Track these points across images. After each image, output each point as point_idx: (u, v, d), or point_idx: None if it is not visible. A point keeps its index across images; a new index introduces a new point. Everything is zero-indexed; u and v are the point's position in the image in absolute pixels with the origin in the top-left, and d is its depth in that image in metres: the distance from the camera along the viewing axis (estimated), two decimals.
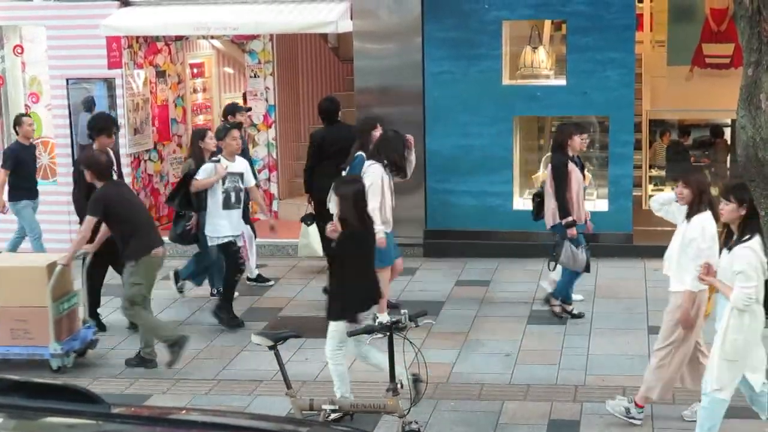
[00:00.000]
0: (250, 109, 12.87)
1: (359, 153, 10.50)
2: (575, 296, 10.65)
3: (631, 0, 12.49)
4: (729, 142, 15.67)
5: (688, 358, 7.66)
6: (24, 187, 12.24)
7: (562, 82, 12.90)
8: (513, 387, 8.67)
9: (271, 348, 6.86)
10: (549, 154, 11.20)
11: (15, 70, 14.29)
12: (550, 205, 10.36)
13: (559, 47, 13.83)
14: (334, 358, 7.85)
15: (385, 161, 9.85)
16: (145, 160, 14.01)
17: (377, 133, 10.57)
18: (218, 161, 10.45)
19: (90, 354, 9.76)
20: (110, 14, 13.22)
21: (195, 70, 15.48)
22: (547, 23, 14.18)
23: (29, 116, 12.73)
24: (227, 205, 10.47)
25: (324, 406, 6.80)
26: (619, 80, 12.42)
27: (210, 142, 10.93)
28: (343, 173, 10.41)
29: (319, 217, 12.26)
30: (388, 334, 6.81)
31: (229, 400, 8.63)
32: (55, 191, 13.67)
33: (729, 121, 14.92)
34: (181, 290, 11.64)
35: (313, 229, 12.09)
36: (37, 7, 13.80)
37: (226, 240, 10.47)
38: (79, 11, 13.35)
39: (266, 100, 14.52)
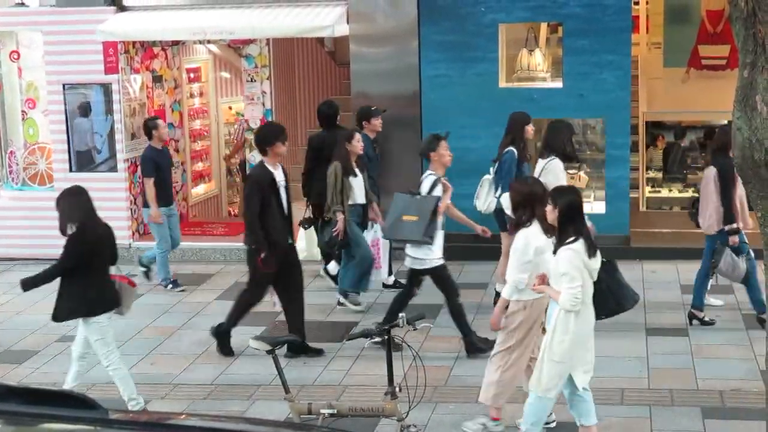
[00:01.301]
0: (384, 111, 11.76)
1: (509, 148, 10.43)
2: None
3: (627, 2, 12.50)
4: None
5: (525, 364, 7.69)
6: (159, 195, 11.94)
7: (558, 84, 12.91)
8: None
9: (269, 352, 6.86)
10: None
11: (12, 76, 14.28)
12: (711, 210, 9.78)
13: (555, 50, 13.84)
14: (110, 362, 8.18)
15: (555, 153, 9.78)
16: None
17: (530, 128, 10.49)
18: (438, 177, 9.83)
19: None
20: (107, 19, 13.23)
21: (191, 75, 15.48)
22: (544, 26, 14.19)
23: (160, 119, 12.49)
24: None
25: (322, 410, 6.79)
26: (615, 82, 12.43)
27: (357, 144, 10.48)
28: (491, 170, 10.37)
29: (318, 221, 12.26)
30: (385, 337, 6.80)
31: (227, 404, 8.63)
32: (52, 197, 13.64)
33: (725, 123, 14.94)
34: (357, 303, 11.21)
35: (311, 232, 12.10)
36: (33, 12, 13.80)
37: (439, 263, 9.63)
38: (75, 16, 13.35)
39: (263, 105, 14.50)
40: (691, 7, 14.48)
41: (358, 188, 10.65)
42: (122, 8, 13.50)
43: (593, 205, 13.06)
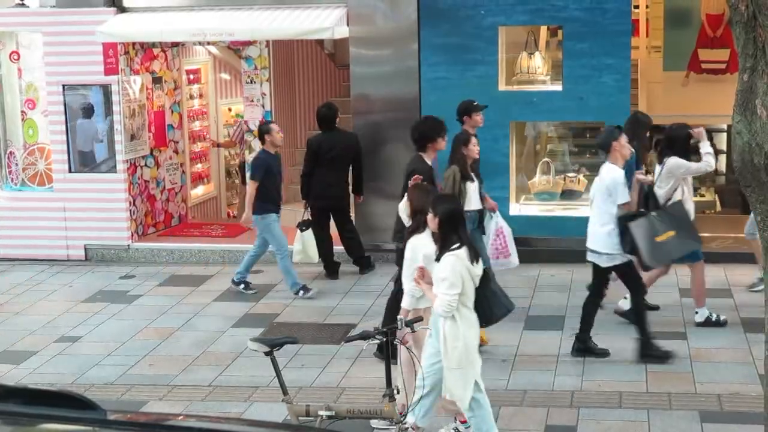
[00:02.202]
0: (486, 107, 11.08)
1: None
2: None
3: (626, 6, 12.51)
4: (717, 148, 15.71)
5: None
6: (271, 199, 11.62)
7: (558, 87, 12.91)
8: (509, 393, 8.67)
9: (267, 354, 6.85)
10: (545, 159, 11.11)
11: (11, 77, 14.29)
12: None
13: (555, 53, 13.85)
14: None
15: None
16: (142, 166, 14.00)
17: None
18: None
19: (88, 359, 9.75)
20: (106, 20, 13.23)
21: (191, 76, 15.48)
22: (543, 29, 14.19)
23: (275, 123, 12.16)
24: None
25: (320, 412, 6.79)
26: (615, 86, 12.44)
27: (474, 148, 9.98)
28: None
29: (317, 223, 12.28)
30: (384, 339, 6.80)
31: (225, 406, 8.63)
32: (51, 197, 13.69)
33: (725, 127, 14.96)
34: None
35: (309, 235, 12.10)
36: (33, 13, 13.80)
37: (627, 258, 9.26)
38: (75, 17, 13.35)
39: (262, 106, 14.51)
40: (691, 10, 14.47)
41: (473, 193, 10.04)
42: (122, 9, 13.50)
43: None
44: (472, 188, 9.93)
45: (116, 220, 13.57)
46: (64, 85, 13.50)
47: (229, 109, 16.62)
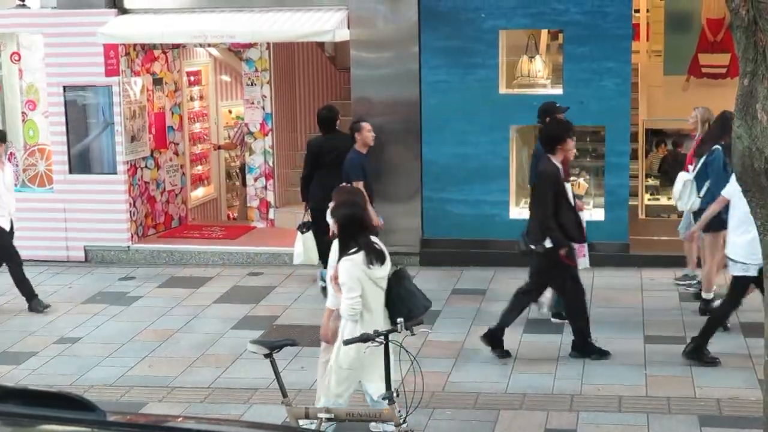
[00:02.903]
0: (567, 108, 10.93)
1: (716, 146, 10.37)
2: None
3: (627, 10, 12.51)
4: None
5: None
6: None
7: (558, 91, 12.91)
8: (509, 396, 8.67)
9: (267, 356, 6.85)
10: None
11: (12, 78, 14.29)
12: None
13: (555, 56, 13.85)
14: None
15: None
16: (142, 168, 14.01)
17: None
18: None
19: (87, 360, 9.75)
20: (107, 22, 13.24)
21: (192, 78, 15.49)
22: (544, 32, 14.20)
23: (366, 122, 11.61)
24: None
25: (320, 415, 6.79)
26: (615, 90, 12.44)
27: (571, 151, 9.76)
28: (690, 168, 10.29)
29: (316, 225, 12.27)
30: (384, 342, 6.80)
31: (224, 408, 8.63)
32: (52, 198, 13.69)
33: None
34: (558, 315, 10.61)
35: (309, 237, 12.10)
36: (34, 14, 13.80)
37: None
38: (76, 19, 13.36)
39: (263, 109, 14.52)
40: (691, 15, 14.49)
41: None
42: (123, 11, 13.51)
43: (592, 213, 13.05)
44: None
45: (116, 222, 13.57)
46: (64, 87, 13.51)
47: (230, 111, 16.63)
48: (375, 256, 7.13)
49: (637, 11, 14.88)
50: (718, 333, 9.84)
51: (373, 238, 7.38)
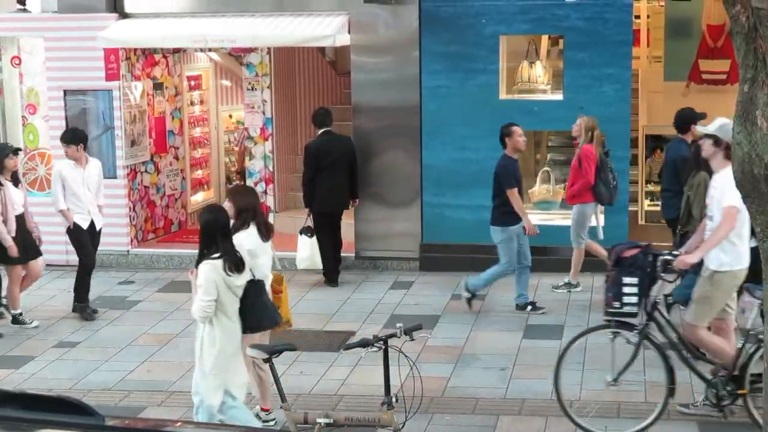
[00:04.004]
0: (705, 116, 10.61)
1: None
2: None
3: (628, 16, 12.52)
4: None
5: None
6: (510, 210, 10.92)
7: (558, 96, 12.93)
8: (508, 401, 8.67)
9: (266, 361, 6.85)
10: (546, 168, 11.14)
11: (13, 81, 14.29)
12: None
13: (556, 62, 13.87)
14: None
15: None
16: (142, 172, 14.01)
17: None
18: None
19: (86, 364, 9.74)
20: (108, 26, 13.24)
21: (192, 83, 15.50)
22: (545, 38, 14.21)
23: (517, 125, 11.11)
24: None
25: (319, 420, 6.78)
26: (615, 95, 12.45)
27: None
28: None
29: (318, 229, 12.29)
30: (383, 347, 6.80)
31: None
32: (51, 203, 13.66)
33: None
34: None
35: (315, 241, 12.14)
36: (35, 18, 13.82)
37: None
38: (77, 23, 13.36)
39: (263, 113, 14.52)
40: (691, 21, 14.51)
41: None
42: (124, 15, 13.52)
43: (592, 218, 13.04)
44: None
45: (116, 226, 13.55)
46: (65, 91, 13.51)
47: (230, 116, 16.63)
48: (235, 264, 7.28)
49: (638, 17, 14.89)
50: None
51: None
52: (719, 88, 14.04)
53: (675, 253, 7.99)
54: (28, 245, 11.04)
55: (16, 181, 11.17)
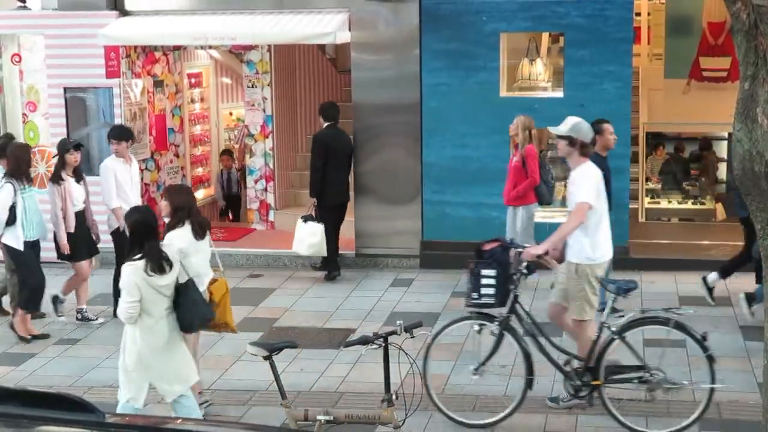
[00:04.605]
0: None
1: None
2: None
3: (628, 13, 12.52)
4: (717, 155, 15.72)
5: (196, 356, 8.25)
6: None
7: (559, 94, 12.92)
8: (508, 399, 8.66)
9: (266, 358, 6.85)
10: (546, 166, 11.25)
11: (13, 79, 14.29)
12: None
13: (556, 60, 13.86)
14: None
15: None
16: (142, 170, 14.00)
17: None
18: None
19: (87, 362, 9.74)
20: (108, 23, 13.24)
21: (193, 80, 15.50)
22: (545, 36, 14.21)
23: (608, 122, 10.72)
24: None
25: (319, 417, 6.78)
26: (616, 93, 12.44)
27: None
28: None
29: (326, 220, 12.36)
30: (383, 344, 6.80)
31: (224, 410, 8.62)
32: None
33: (726, 135, 14.97)
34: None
35: (323, 228, 12.22)
36: (35, 15, 13.81)
37: None
38: (77, 20, 13.36)
39: (264, 111, 14.53)
40: (692, 18, 14.49)
41: None
42: (124, 13, 13.52)
43: None
44: None
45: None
46: (65, 88, 13.51)
47: (230, 113, 16.64)
48: (157, 265, 7.30)
49: (638, 14, 14.88)
50: (719, 335, 9.85)
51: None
52: (720, 85, 14.02)
53: (526, 245, 8.40)
54: (88, 242, 11.04)
55: (78, 176, 11.05)
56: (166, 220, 8.35)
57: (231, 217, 16.30)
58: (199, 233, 8.16)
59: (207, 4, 13.43)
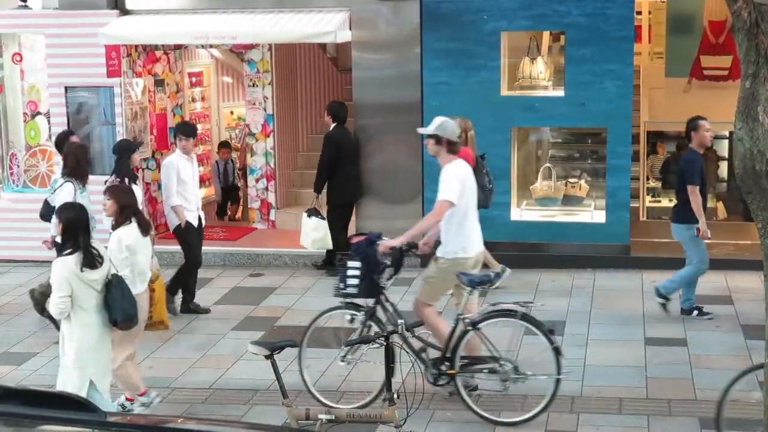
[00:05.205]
0: None
1: None
2: None
3: (629, 12, 12.51)
4: (718, 154, 15.71)
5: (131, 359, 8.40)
6: (690, 209, 10.30)
7: (560, 93, 12.92)
8: (509, 398, 8.65)
9: (267, 357, 6.85)
10: (547, 165, 11.21)
11: (14, 78, 14.30)
12: None
13: (557, 58, 13.85)
14: None
15: None
16: (143, 169, 14.00)
17: None
18: None
19: None
20: (109, 23, 13.24)
21: (193, 79, 15.50)
22: (546, 34, 14.20)
23: (706, 119, 10.49)
24: None
25: (320, 416, 6.78)
26: (617, 92, 12.44)
27: None
28: None
29: (337, 217, 12.41)
30: (384, 343, 6.80)
31: (225, 409, 8.63)
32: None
33: (727, 133, 14.95)
34: None
35: (326, 223, 12.26)
36: (36, 15, 13.81)
37: None
38: (78, 19, 13.36)
39: (264, 110, 14.52)
40: (693, 17, 14.48)
41: None
42: (125, 12, 13.52)
43: (593, 214, 13.06)
44: None
45: None
46: (66, 87, 13.51)
47: (231, 113, 16.63)
48: (89, 261, 7.37)
49: (639, 13, 14.88)
50: (719, 334, 9.84)
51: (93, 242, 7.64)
52: (721, 84, 14.02)
53: (384, 239, 8.76)
54: None
55: (134, 177, 11.06)
56: (110, 218, 8.44)
57: (229, 213, 16.25)
58: (145, 230, 8.31)
59: (208, 3, 13.43)
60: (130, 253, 8.10)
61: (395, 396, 6.75)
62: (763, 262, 6.22)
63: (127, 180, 10.66)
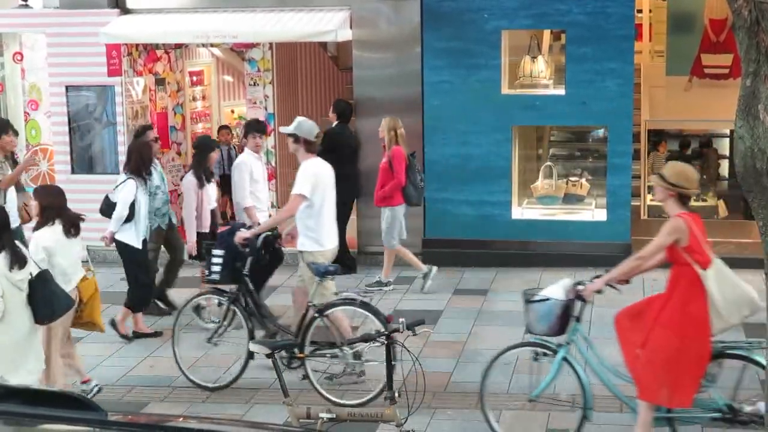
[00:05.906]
0: None
1: None
2: None
3: (630, 10, 12.51)
4: (719, 152, 15.70)
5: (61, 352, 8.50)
6: None
7: (561, 91, 12.92)
8: (511, 396, 8.67)
9: (268, 356, 6.85)
10: (548, 163, 11.19)
11: (14, 77, 14.30)
12: None
13: (558, 57, 13.86)
14: None
15: None
16: None
17: None
18: None
19: (89, 360, 9.74)
20: (110, 22, 13.24)
21: (194, 78, 15.50)
22: (546, 33, 14.21)
23: None
24: None
25: (321, 414, 6.78)
26: (617, 90, 12.44)
27: None
28: None
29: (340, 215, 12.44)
30: (385, 342, 6.80)
31: (226, 408, 8.63)
32: None
33: (728, 132, 14.95)
34: None
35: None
36: (37, 14, 13.81)
37: None
38: (79, 19, 13.36)
39: (265, 109, 14.52)
40: (694, 15, 14.48)
41: None
42: (126, 11, 13.52)
43: (594, 213, 13.06)
44: None
45: None
46: (67, 86, 13.51)
47: (232, 111, 16.63)
48: (17, 261, 7.31)
49: (640, 11, 14.88)
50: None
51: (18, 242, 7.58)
52: (721, 82, 14.02)
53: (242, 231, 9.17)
54: None
55: (209, 175, 11.05)
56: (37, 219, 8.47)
57: (220, 207, 16.19)
58: (71, 232, 8.30)
59: (208, 2, 13.44)
60: (48, 255, 8.08)
61: (396, 394, 6.75)
62: (764, 260, 6.22)
63: (203, 177, 10.68)
